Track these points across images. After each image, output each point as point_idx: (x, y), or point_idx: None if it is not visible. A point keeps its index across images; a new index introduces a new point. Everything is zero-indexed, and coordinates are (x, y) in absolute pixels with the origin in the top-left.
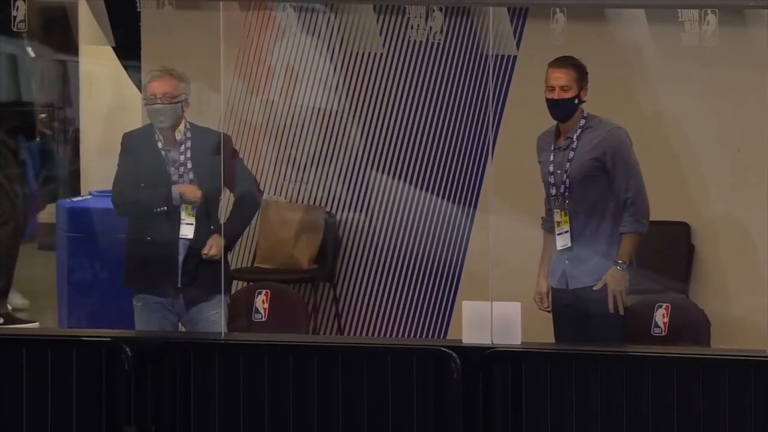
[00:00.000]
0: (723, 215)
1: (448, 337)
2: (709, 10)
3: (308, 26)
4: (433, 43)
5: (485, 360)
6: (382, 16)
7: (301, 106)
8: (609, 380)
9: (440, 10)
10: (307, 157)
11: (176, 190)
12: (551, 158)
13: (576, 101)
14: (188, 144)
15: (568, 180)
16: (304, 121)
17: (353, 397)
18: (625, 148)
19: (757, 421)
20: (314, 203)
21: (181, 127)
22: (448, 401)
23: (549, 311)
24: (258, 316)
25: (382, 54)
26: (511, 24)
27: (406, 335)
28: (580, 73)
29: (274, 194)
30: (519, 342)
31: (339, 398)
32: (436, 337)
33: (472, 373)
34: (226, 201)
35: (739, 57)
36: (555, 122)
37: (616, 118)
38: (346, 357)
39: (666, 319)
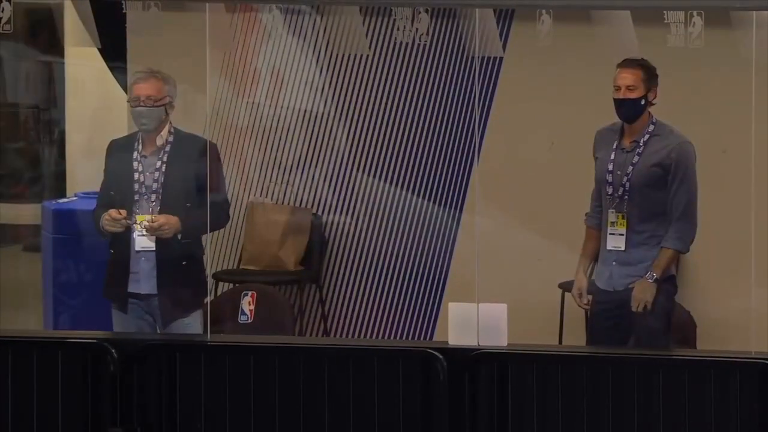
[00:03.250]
0: (708, 216)
1: (434, 339)
2: (695, 12)
3: (294, 28)
4: (419, 45)
5: (471, 361)
6: (368, 18)
7: (287, 108)
8: (594, 381)
9: (426, 11)
10: (294, 159)
11: (104, 218)
12: (612, 157)
13: (643, 102)
14: (167, 149)
15: (628, 184)
16: (290, 123)
17: (339, 399)
18: (690, 166)
19: (741, 422)
20: (300, 205)
21: (164, 132)
22: (434, 403)
23: (587, 308)
24: (244, 317)
25: (368, 56)
26: (497, 25)
27: (392, 337)
28: (648, 75)
29: (260, 196)
30: (505, 344)
31: (325, 400)
32: (422, 338)
33: (458, 375)
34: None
35: (724, 58)
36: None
37: (604, 119)
38: (333, 359)
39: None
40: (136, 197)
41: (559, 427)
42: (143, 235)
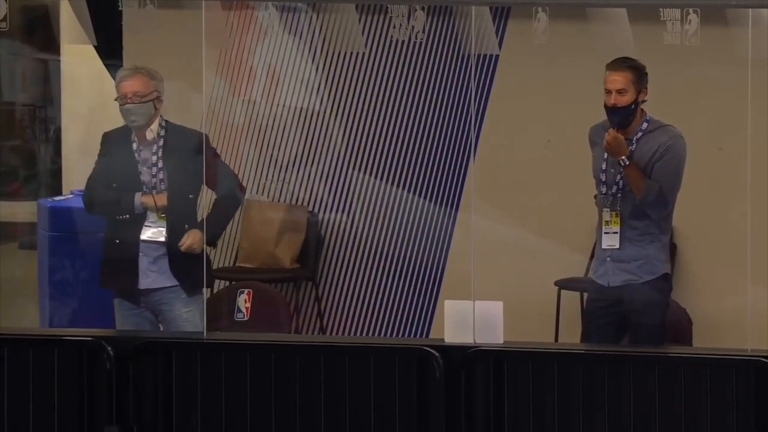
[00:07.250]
0: (705, 214)
1: (430, 337)
2: (690, 10)
3: (290, 26)
4: (415, 43)
5: (467, 359)
6: (364, 16)
7: (283, 106)
8: (590, 379)
9: (422, 9)
10: (290, 157)
11: (138, 198)
12: (605, 156)
13: (634, 106)
14: (161, 143)
15: (621, 182)
16: (286, 121)
17: (335, 397)
18: (678, 154)
19: (737, 420)
20: (296, 203)
21: (154, 126)
22: (431, 400)
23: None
24: (240, 315)
25: (364, 54)
26: (493, 23)
27: (388, 334)
28: (638, 76)
29: (257, 194)
30: (501, 341)
31: (321, 398)
32: (418, 336)
33: (454, 373)
34: (208, 200)
35: (720, 56)
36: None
37: (600, 117)
38: (329, 356)
39: None
40: (145, 189)
41: (555, 425)
42: (151, 227)
